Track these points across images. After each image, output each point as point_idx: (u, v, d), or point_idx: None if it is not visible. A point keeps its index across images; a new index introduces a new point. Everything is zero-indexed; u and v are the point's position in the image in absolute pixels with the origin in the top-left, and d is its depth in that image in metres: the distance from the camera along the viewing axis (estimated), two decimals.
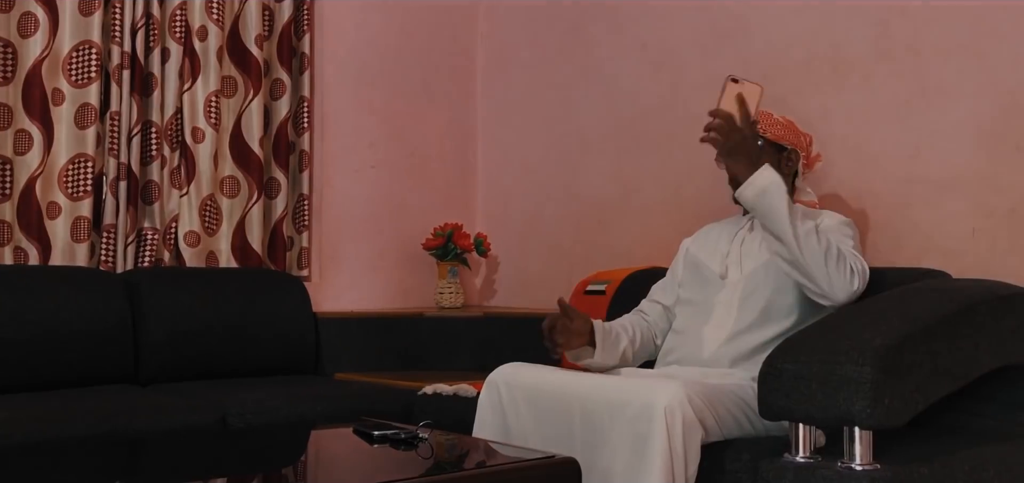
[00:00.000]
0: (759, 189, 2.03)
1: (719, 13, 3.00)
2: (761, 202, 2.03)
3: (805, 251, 2.00)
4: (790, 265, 2.03)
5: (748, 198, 2.05)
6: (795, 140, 2.30)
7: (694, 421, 1.81)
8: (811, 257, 2.00)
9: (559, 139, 3.53)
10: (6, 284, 2.60)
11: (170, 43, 3.09)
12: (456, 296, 3.53)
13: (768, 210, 2.02)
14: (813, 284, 2.01)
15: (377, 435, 1.88)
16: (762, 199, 2.03)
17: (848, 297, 2.01)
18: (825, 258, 1.99)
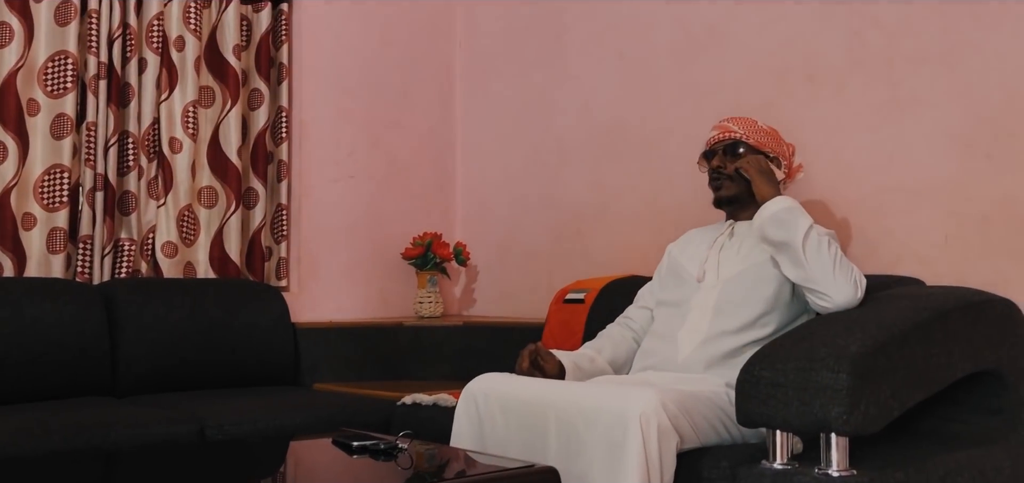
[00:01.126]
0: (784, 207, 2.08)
1: (695, 24, 3.02)
2: (786, 217, 2.07)
3: (814, 260, 2.03)
4: (797, 272, 2.06)
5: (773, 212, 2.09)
6: (777, 148, 2.34)
7: (669, 428, 1.82)
8: (820, 266, 2.03)
9: (538, 148, 3.54)
10: None
11: (147, 53, 3.08)
12: (436, 305, 3.53)
13: (787, 222, 2.07)
14: (820, 290, 2.03)
15: (357, 446, 1.88)
16: (787, 214, 2.07)
17: (848, 302, 2.03)
18: (832, 265, 2.03)
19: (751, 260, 2.22)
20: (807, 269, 2.04)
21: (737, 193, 2.29)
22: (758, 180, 2.19)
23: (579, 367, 2.25)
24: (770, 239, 2.11)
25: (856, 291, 2.03)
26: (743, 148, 2.29)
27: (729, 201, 2.32)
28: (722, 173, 2.30)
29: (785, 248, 2.07)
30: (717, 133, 2.34)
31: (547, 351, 2.21)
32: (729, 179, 2.29)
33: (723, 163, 2.31)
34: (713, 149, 2.34)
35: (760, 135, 2.32)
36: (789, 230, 2.07)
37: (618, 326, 2.44)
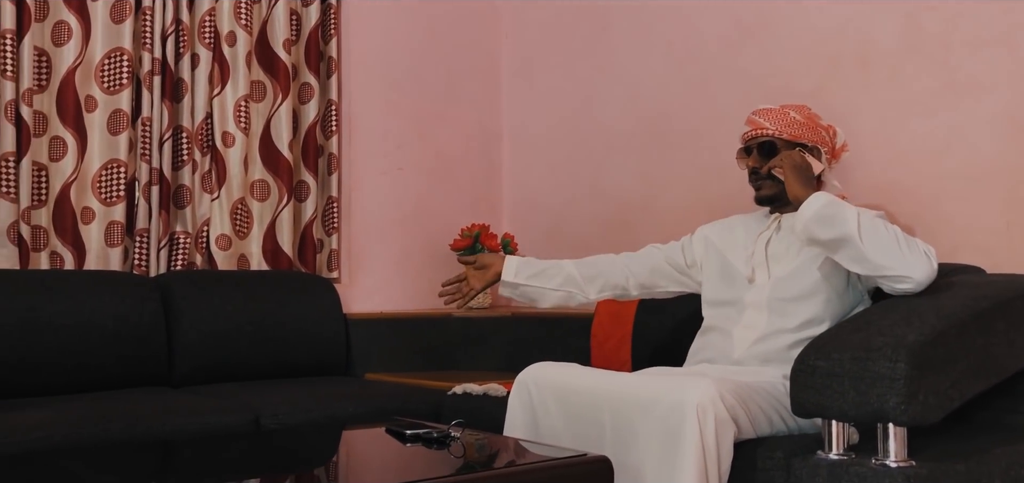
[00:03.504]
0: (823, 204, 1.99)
1: (744, 10, 2.99)
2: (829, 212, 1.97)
3: (876, 246, 1.93)
4: (862, 265, 1.96)
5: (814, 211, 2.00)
6: (814, 136, 2.22)
7: (726, 418, 1.80)
8: (884, 250, 1.93)
9: (584, 138, 3.53)
10: (42, 289, 2.64)
11: (200, 49, 3.13)
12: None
13: (833, 217, 1.97)
14: (892, 273, 1.93)
15: (410, 434, 1.89)
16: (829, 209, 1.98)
17: (927, 278, 1.93)
18: (898, 244, 1.94)
19: (802, 256, 2.16)
20: (871, 258, 1.93)
21: (776, 193, 2.20)
22: (791, 179, 2.08)
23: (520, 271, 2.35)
24: (819, 239, 1.99)
25: (931, 263, 1.93)
26: (777, 143, 2.21)
27: (770, 200, 2.24)
28: (758, 173, 2.23)
29: (841, 244, 1.97)
30: (749, 129, 2.25)
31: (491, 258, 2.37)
32: (766, 179, 2.21)
33: (759, 163, 2.22)
34: (750, 146, 2.26)
35: (793, 127, 2.20)
36: (838, 225, 1.96)
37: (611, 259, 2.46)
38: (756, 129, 2.24)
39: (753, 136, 2.25)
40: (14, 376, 2.54)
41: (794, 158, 2.13)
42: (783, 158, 2.15)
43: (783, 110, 2.23)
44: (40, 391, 2.53)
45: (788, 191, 2.10)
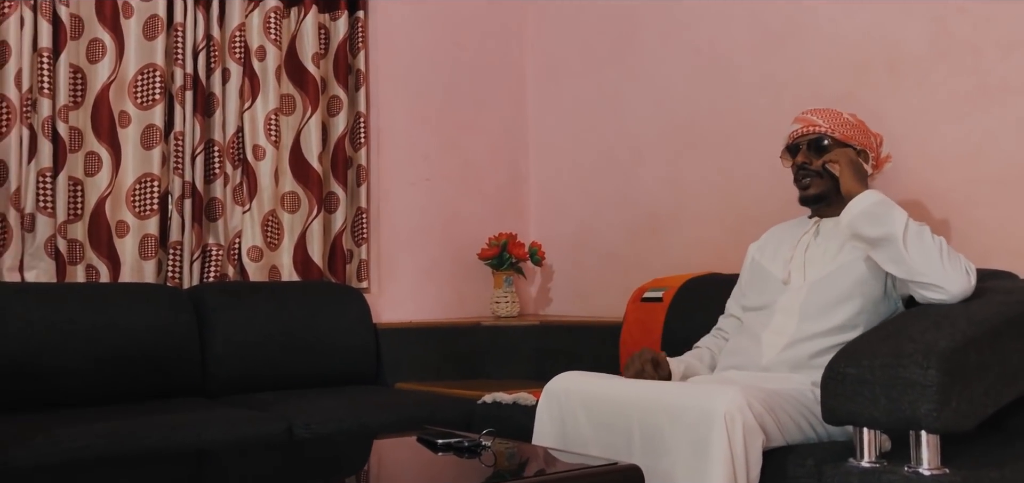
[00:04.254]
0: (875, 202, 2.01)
1: (772, 15, 2.98)
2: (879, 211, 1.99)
3: (918, 252, 1.94)
4: (899, 267, 1.97)
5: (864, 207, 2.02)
6: (864, 140, 2.25)
7: (755, 426, 1.80)
8: (925, 257, 1.94)
9: (611, 146, 3.53)
10: (79, 301, 2.69)
11: (230, 64, 3.18)
12: (512, 305, 3.55)
13: (881, 216, 1.98)
14: (927, 280, 1.93)
15: (441, 443, 1.91)
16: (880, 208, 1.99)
17: (963, 292, 1.93)
18: (939, 254, 1.94)
19: (839, 261, 2.15)
20: (910, 262, 1.94)
21: (825, 190, 2.22)
22: (847, 174, 2.11)
23: (687, 376, 2.25)
24: (864, 236, 2.01)
25: (969, 279, 1.93)
26: (828, 141, 2.23)
27: (816, 199, 2.24)
28: (808, 169, 2.23)
29: (883, 244, 1.98)
30: (800, 126, 2.27)
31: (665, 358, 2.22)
32: (816, 175, 2.22)
33: (808, 159, 2.23)
34: (796, 144, 2.28)
35: (845, 127, 2.23)
36: (885, 224, 1.97)
37: (713, 337, 2.42)
38: (808, 126, 2.25)
39: (803, 133, 2.25)
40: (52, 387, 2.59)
41: (849, 154, 2.17)
42: (839, 154, 2.17)
43: (835, 110, 2.27)
44: (78, 402, 2.58)
45: (843, 185, 2.11)
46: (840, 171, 2.14)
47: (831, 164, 2.17)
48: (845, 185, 2.11)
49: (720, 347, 2.38)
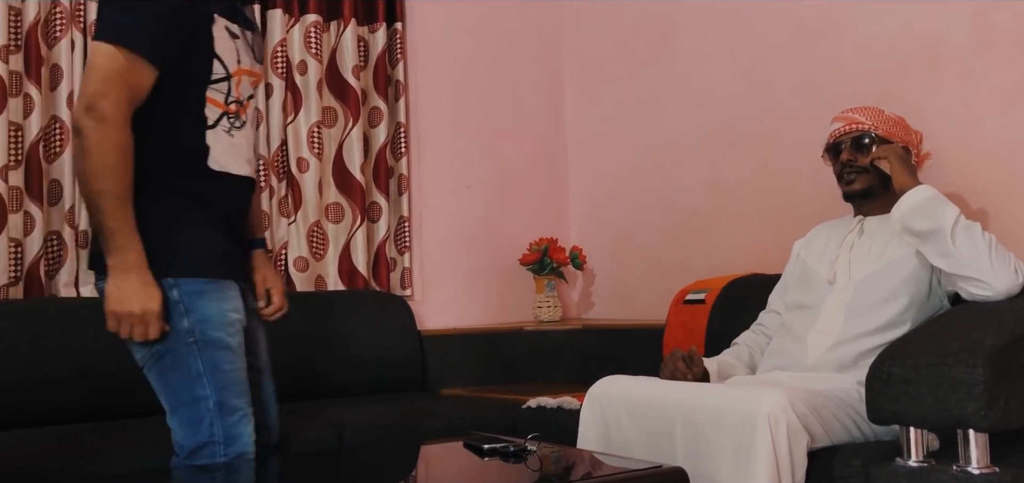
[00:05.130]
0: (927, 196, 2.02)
1: (808, 14, 2.97)
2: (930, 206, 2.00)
3: (966, 246, 1.95)
4: (947, 261, 1.98)
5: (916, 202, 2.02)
6: (906, 137, 2.26)
7: (799, 427, 1.80)
8: (973, 252, 1.95)
9: (651, 149, 3.54)
10: None
11: (273, 79, 3.24)
12: (554, 310, 3.58)
13: (932, 211, 2.00)
14: (973, 275, 1.94)
15: (487, 449, 1.93)
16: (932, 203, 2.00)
17: (1009, 290, 1.93)
18: (988, 250, 1.94)
19: (884, 259, 2.15)
20: (957, 257, 1.95)
21: (871, 186, 2.22)
22: (898, 169, 2.10)
23: (722, 374, 2.25)
24: (914, 229, 2.02)
25: (1017, 277, 1.93)
26: (870, 139, 2.23)
27: (862, 195, 2.25)
28: (854, 166, 2.23)
29: (931, 237, 1.99)
30: (842, 125, 2.27)
31: (698, 355, 2.22)
32: (863, 172, 2.22)
33: (853, 156, 2.24)
34: (839, 142, 2.28)
35: (888, 124, 2.24)
36: (935, 218, 1.98)
37: (753, 333, 2.42)
38: (851, 124, 2.25)
39: (846, 131, 2.26)
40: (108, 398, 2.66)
41: (897, 150, 2.17)
42: (887, 149, 2.17)
43: (877, 107, 2.27)
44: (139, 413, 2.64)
45: (895, 181, 2.11)
46: (891, 167, 2.13)
47: (880, 161, 2.17)
48: (897, 180, 2.10)
49: (760, 344, 2.38)
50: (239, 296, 1.97)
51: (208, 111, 1.92)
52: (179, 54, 1.85)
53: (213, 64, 1.90)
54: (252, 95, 2.03)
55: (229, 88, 1.94)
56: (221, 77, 1.92)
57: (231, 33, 1.95)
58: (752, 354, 2.37)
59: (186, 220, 1.90)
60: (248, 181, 2.03)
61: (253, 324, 2.09)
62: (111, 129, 1.77)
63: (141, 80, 1.81)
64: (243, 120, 1.99)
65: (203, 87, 1.90)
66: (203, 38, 1.89)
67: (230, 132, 1.95)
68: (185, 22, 1.85)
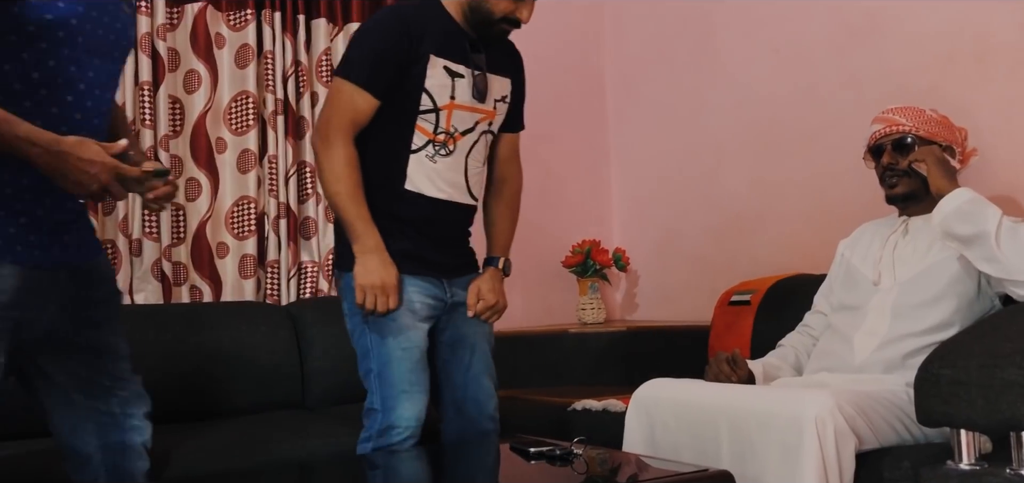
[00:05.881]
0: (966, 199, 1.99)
1: (852, 11, 2.94)
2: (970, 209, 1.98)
3: (1011, 250, 1.93)
4: (993, 266, 1.96)
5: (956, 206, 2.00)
6: (949, 136, 2.23)
7: (846, 430, 1.79)
8: (1017, 252, 1.92)
9: (693, 149, 3.53)
10: (185, 321, 2.82)
11: (318, 87, 3.29)
12: (598, 311, 3.58)
13: (973, 214, 1.97)
14: (1022, 278, 1.92)
15: (533, 452, 1.95)
16: (971, 206, 1.98)
17: None
18: None
19: (930, 259, 2.13)
20: (1003, 261, 1.92)
21: (913, 189, 2.20)
22: (935, 173, 2.08)
23: (767, 376, 2.24)
24: (955, 234, 2.00)
25: None
26: (912, 140, 2.21)
27: (904, 198, 2.22)
28: (895, 170, 2.21)
29: (975, 242, 1.96)
30: (882, 127, 2.25)
31: (742, 357, 2.22)
32: (904, 175, 2.20)
33: (894, 159, 2.21)
34: (880, 144, 2.26)
35: (929, 124, 2.21)
36: (977, 222, 1.95)
37: (798, 335, 2.40)
38: (891, 126, 2.23)
39: (886, 133, 2.24)
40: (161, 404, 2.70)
41: (936, 152, 2.14)
42: (925, 152, 2.14)
43: (917, 107, 2.24)
44: (185, 417, 2.70)
45: (932, 185, 2.08)
46: (928, 170, 2.11)
47: (918, 163, 2.14)
48: (934, 184, 2.08)
49: (806, 346, 2.37)
50: (420, 291, 2.21)
51: (416, 138, 2.19)
52: (395, 86, 2.13)
53: (422, 97, 2.15)
54: (471, 128, 2.24)
55: (437, 120, 2.18)
56: (429, 109, 2.17)
57: (450, 72, 2.19)
58: (798, 356, 2.35)
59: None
60: (445, 203, 2.25)
61: (460, 321, 2.31)
62: (333, 148, 2.12)
63: (361, 106, 2.13)
64: (451, 149, 2.22)
65: (413, 116, 2.17)
66: (417, 74, 2.15)
67: (433, 158, 2.21)
68: (400, 59, 2.13)
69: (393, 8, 2.22)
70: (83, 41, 1.72)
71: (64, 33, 1.68)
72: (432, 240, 2.26)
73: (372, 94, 2.14)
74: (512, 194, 2.50)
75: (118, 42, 1.81)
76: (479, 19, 2.21)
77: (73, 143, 1.63)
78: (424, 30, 2.16)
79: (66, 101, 1.70)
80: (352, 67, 2.14)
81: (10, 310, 1.70)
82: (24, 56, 1.65)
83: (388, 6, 2.28)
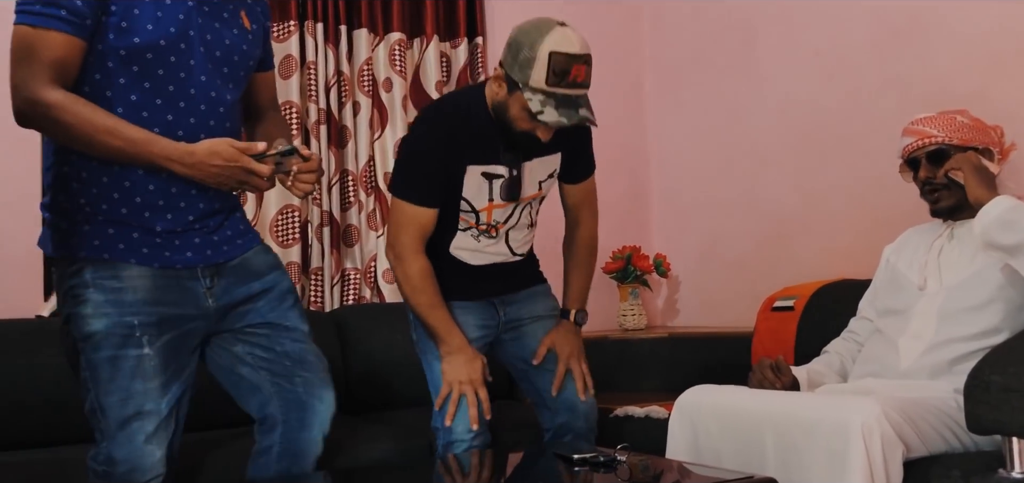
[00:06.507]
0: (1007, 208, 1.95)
1: (894, 13, 2.91)
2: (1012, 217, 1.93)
3: None
4: None
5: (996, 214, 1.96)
6: (984, 138, 2.18)
7: (893, 437, 1.77)
8: None
9: (734, 154, 3.52)
10: None
11: (360, 97, 3.33)
12: (639, 317, 3.57)
13: (1015, 222, 1.92)
14: None
15: (577, 459, 1.95)
16: (1013, 214, 1.93)
17: None
18: None
19: (975, 265, 2.09)
20: None
21: (957, 201, 2.15)
22: (972, 182, 2.03)
23: (812, 382, 2.23)
24: (998, 244, 1.95)
25: None
26: (946, 149, 2.15)
27: (950, 211, 2.18)
28: (933, 183, 2.17)
29: (1019, 251, 1.91)
30: (913, 140, 2.20)
31: (786, 364, 2.20)
32: (944, 188, 2.15)
33: (931, 172, 2.17)
34: (914, 157, 2.22)
35: (962, 131, 2.15)
36: (1019, 230, 1.91)
37: (843, 341, 2.38)
38: (922, 138, 2.18)
39: (919, 146, 2.19)
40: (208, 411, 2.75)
41: (972, 160, 2.09)
42: (961, 160, 2.09)
43: (946, 115, 2.19)
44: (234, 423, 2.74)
45: (969, 194, 2.04)
46: (965, 179, 2.06)
47: (954, 173, 2.10)
48: (972, 194, 2.03)
49: (851, 352, 2.34)
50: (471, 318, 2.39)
51: (459, 225, 2.35)
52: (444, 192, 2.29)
53: (461, 201, 2.31)
54: (511, 214, 2.37)
55: (477, 218, 2.34)
56: (468, 210, 2.33)
57: (487, 176, 2.30)
58: (843, 362, 2.33)
59: None
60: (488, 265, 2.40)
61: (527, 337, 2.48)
62: (406, 263, 2.29)
63: (424, 220, 2.29)
64: (494, 237, 2.38)
65: (456, 214, 2.33)
66: (457, 183, 2.28)
67: (478, 238, 2.37)
68: (448, 170, 2.26)
69: (434, 120, 2.31)
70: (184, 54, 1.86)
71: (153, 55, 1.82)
72: (478, 282, 2.41)
73: (432, 207, 2.29)
74: (584, 240, 2.58)
75: (228, 54, 1.95)
76: (503, 124, 2.25)
77: (205, 151, 1.80)
78: (463, 141, 2.25)
79: (179, 106, 1.86)
80: (408, 191, 2.27)
81: (150, 306, 1.86)
82: (134, 70, 1.82)
83: (431, 112, 2.39)
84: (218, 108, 1.92)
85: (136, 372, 1.83)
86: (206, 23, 1.90)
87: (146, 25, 1.81)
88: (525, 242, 2.46)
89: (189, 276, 1.93)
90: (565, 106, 2.14)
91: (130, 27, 1.79)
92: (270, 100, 2.18)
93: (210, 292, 1.95)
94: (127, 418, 1.83)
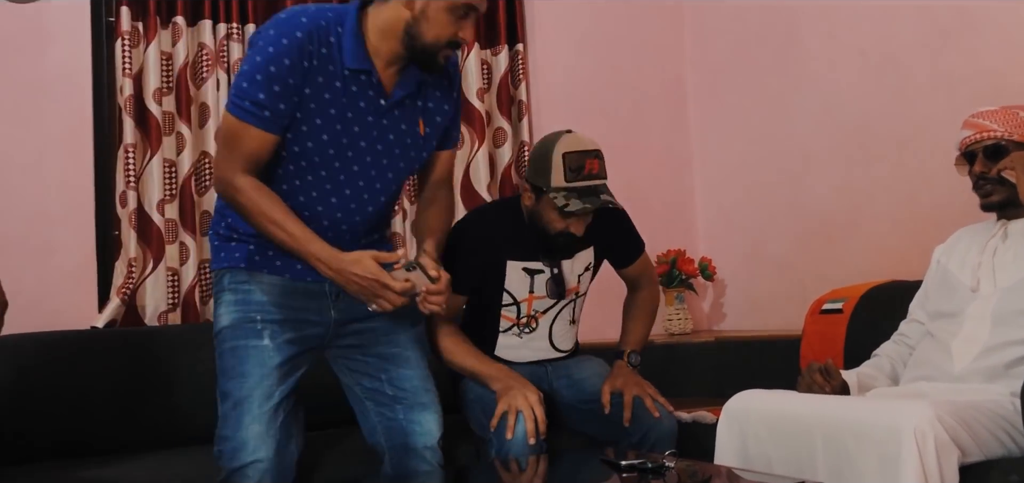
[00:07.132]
0: None
1: (942, 10, 2.87)
2: None
3: None
4: None
5: None
6: None
7: (948, 442, 1.74)
8: None
9: (779, 155, 3.48)
10: None
11: None
12: (685, 322, 3.55)
13: None
14: None
15: (624, 464, 1.95)
16: None
17: None
18: None
19: None
20: None
21: (1008, 197, 2.12)
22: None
23: (862, 386, 2.20)
24: None
25: None
26: (1005, 145, 2.11)
27: (1000, 206, 2.15)
28: (987, 177, 2.14)
29: None
30: (972, 133, 2.17)
31: (836, 367, 2.17)
32: (998, 183, 2.12)
33: (986, 167, 2.13)
34: (972, 151, 2.19)
35: (1023, 126, 2.13)
36: None
37: (894, 344, 2.34)
38: (981, 132, 2.15)
39: (977, 140, 2.16)
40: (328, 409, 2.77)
41: None
42: (1016, 159, 2.06)
43: (1010, 110, 2.15)
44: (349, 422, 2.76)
45: (1021, 193, 2.01)
46: (1017, 177, 2.03)
47: (1007, 171, 2.06)
48: (1023, 192, 2.00)
49: (902, 356, 2.31)
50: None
51: (501, 323, 2.52)
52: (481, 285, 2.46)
53: (503, 294, 2.47)
54: (552, 306, 2.53)
55: (519, 310, 2.50)
56: (510, 303, 2.49)
57: (528, 271, 2.48)
58: (894, 365, 2.29)
59: None
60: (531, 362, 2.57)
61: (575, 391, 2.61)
62: (444, 350, 2.43)
63: (457, 303, 2.45)
64: (534, 327, 2.55)
65: (498, 309, 2.50)
66: (498, 277, 2.47)
67: (520, 335, 2.54)
68: (485, 264, 2.45)
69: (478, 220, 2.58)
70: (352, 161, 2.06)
71: (320, 158, 2.04)
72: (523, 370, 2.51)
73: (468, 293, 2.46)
74: (644, 298, 2.77)
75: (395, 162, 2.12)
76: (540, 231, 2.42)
77: (350, 261, 1.98)
78: (503, 237, 2.45)
79: (331, 202, 2.08)
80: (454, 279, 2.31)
81: (275, 307, 2.09)
82: (302, 164, 2.05)
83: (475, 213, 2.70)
84: (379, 198, 2.14)
85: (253, 361, 2.04)
86: (381, 134, 2.08)
87: (322, 135, 2.02)
88: (567, 338, 2.62)
89: (317, 287, 2.10)
90: (586, 195, 2.36)
91: (309, 131, 2.01)
92: (441, 178, 2.30)
93: (335, 305, 2.13)
94: (238, 400, 2.02)
